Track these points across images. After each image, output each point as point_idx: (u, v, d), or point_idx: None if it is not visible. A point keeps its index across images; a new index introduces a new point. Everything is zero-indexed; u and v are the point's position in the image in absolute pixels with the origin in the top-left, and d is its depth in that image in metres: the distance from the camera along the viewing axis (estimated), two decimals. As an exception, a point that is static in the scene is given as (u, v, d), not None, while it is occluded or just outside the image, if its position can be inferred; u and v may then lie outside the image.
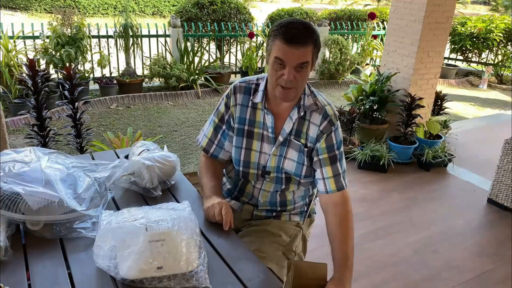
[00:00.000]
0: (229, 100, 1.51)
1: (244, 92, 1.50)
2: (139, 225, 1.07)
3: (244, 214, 1.59)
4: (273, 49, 1.33)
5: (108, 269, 1.04)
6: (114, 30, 5.60)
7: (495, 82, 7.79)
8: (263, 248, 1.42)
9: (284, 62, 1.31)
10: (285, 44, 1.29)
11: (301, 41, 1.29)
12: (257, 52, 6.45)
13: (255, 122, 1.48)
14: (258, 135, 1.48)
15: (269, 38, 1.36)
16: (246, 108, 1.49)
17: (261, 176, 1.52)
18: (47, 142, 3.05)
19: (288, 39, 1.28)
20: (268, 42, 1.37)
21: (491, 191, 3.21)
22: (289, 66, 1.31)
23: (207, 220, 1.34)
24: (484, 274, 2.42)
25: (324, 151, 1.45)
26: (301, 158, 1.47)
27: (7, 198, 1.16)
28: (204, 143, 1.58)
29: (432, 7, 3.64)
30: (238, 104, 1.50)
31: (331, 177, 1.44)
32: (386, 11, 8.24)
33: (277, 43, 1.31)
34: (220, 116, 1.54)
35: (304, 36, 1.30)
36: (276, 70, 1.33)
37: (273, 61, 1.33)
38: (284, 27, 1.31)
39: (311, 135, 1.45)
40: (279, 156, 1.48)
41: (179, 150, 4.02)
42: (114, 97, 5.33)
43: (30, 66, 2.91)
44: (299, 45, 1.29)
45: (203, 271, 1.07)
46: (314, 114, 1.45)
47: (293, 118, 1.45)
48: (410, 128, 3.84)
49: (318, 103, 1.45)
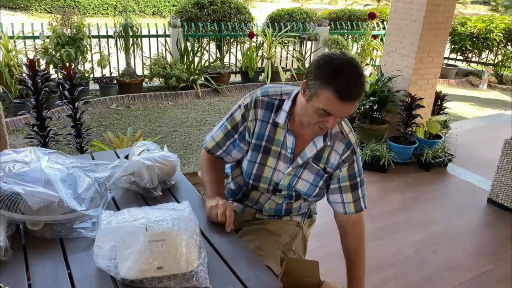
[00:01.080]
0: (248, 113, 1.42)
1: (265, 108, 1.41)
2: (139, 225, 1.07)
3: (246, 216, 1.59)
4: (321, 99, 1.21)
5: (108, 269, 1.04)
6: (114, 30, 5.60)
7: (495, 82, 7.79)
8: (262, 247, 1.42)
9: (332, 114, 1.23)
10: (339, 100, 1.19)
11: (354, 97, 1.20)
12: (257, 52, 6.45)
13: (274, 139, 1.42)
14: (275, 152, 1.43)
15: (315, 78, 1.22)
16: (267, 124, 1.41)
17: (272, 192, 1.50)
18: (47, 142, 3.05)
19: (343, 96, 1.18)
20: (313, 82, 1.23)
21: (491, 191, 3.21)
22: (335, 117, 1.24)
23: (207, 220, 1.34)
24: (484, 274, 2.42)
25: (346, 179, 1.45)
26: (316, 181, 1.45)
27: (7, 198, 1.15)
28: (210, 145, 1.52)
29: (432, 7, 3.63)
30: (258, 119, 1.41)
31: (351, 202, 1.47)
32: (386, 11, 8.24)
33: (328, 95, 1.19)
34: (234, 125, 1.46)
35: (358, 91, 1.20)
36: (319, 116, 1.25)
37: (317, 109, 1.23)
38: (339, 79, 1.18)
39: (331, 161, 1.42)
40: (294, 176, 1.44)
41: (179, 150, 4.02)
42: (114, 97, 5.33)
43: (30, 66, 2.91)
44: (351, 101, 1.21)
45: (203, 271, 1.07)
46: (337, 142, 1.41)
47: (318, 146, 1.39)
48: (410, 128, 3.84)
49: (343, 131, 1.41)
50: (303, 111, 1.31)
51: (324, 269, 1.50)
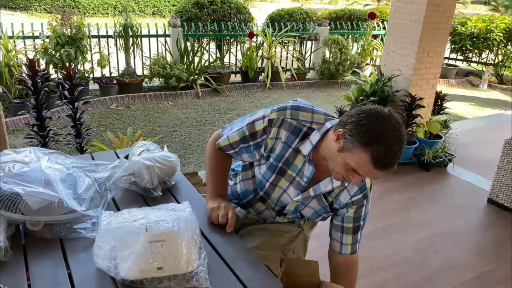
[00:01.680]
0: (270, 129, 1.34)
1: (291, 132, 1.32)
2: (139, 225, 1.07)
3: (248, 221, 1.59)
4: (355, 158, 1.15)
5: (108, 269, 1.04)
6: (114, 30, 5.60)
7: (495, 82, 7.79)
8: (262, 246, 1.42)
9: (361, 175, 1.19)
10: (373, 167, 1.13)
11: (390, 168, 1.15)
12: (257, 52, 6.45)
13: (292, 164, 1.36)
14: (289, 176, 1.38)
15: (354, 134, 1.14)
16: (288, 147, 1.34)
17: (277, 213, 1.50)
18: (47, 142, 3.05)
19: (379, 165, 1.13)
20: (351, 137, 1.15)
21: (491, 191, 3.21)
22: (362, 176, 1.20)
23: (207, 221, 1.34)
24: (484, 274, 2.42)
25: (350, 221, 1.43)
26: (321, 212, 1.45)
27: (7, 199, 1.15)
28: (223, 143, 1.47)
29: (432, 7, 3.63)
30: (280, 140, 1.34)
31: (349, 244, 1.47)
32: (386, 11, 8.24)
33: (364, 159, 1.13)
34: (252, 132, 1.38)
35: (396, 162, 1.14)
36: (346, 170, 1.20)
37: (347, 164, 1.18)
38: (381, 146, 1.12)
39: (341, 199, 1.40)
40: (301, 203, 1.43)
41: (179, 150, 4.02)
42: (114, 97, 5.33)
43: (30, 66, 2.91)
44: (386, 170, 1.15)
45: (203, 271, 1.07)
46: (351, 184, 1.37)
47: (334, 184, 1.35)
48: (410, 128, 3.84)
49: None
50: (330, 156, 1.25)
51: (323, 269, 1.50)
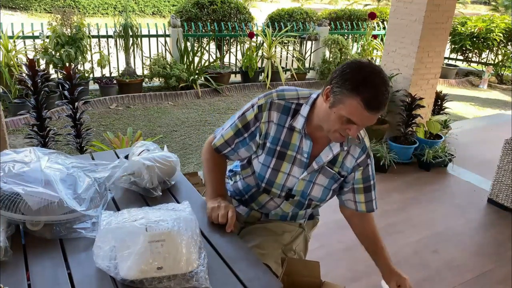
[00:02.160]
0: (261, 114, 1.38)
1: (282, 112, 1.37)
2: (139, 225, 1.07)
3: (251, 219, 1.58)
4: (347, 106, 1.19)
5: (108, 269, 1.04)
6: (114, 30, 5.60)
7: (495, 82, 7.79)
8: (263, 245, 1.42)
9: (356, 123, 1.22)
10: (365, 110, 1.17)
11: (382, 108, 1.20)
12: (257, 52, 6.45)
13: (290, 144, 1.39)
14: (290, 157, 1.40)
15: (342, 84, 1.20)
16: (282, 128, 1.38)
17: (284, 197, 1.48)
18: (47, 142, 3.05)
19: (370, 107, 1.17)
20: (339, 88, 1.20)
21: (491, 191, 3.21)
22: (358, 126, 1.23)
23: (207, 220, 1.34)
24: (484, 274, 2.42)
25: (359, 182, 1.47)
26: (330, 184, 1.45)
27: (7, 198, 1.15)
28: (218, 142, 1.48)
29: (432, 7, 3.63)
30: (273, 122, 1.38)
31: (363, 202, 1.51)
32: (386, 11, 8.24)
33: (355, 104, 1.17)
34: (245, 123, 1.41)
35: (385, 102, 1.19)
36: (341, 123, 1.23)
37: (341, 116, 1.22)
38: (369, 89, 1.17)
39: (347, 165, 1.42)
40: (308, 181, 1.43)
41: (179, 150, 4.02)
42: (114, 97, 5.33)
43: (30, 66, 2.91)
44: (378, 111, 1.20)
45: (203, 271, 1.07)
46: (353, 147, 1.41)
47: (334, 151, 1.39)
48: (410, 128, 3.84)
49: (359, 136, 1.41)
50: (324, 117, 1.28)
51: (324, 269, 1.50)
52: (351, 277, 2.32)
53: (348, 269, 2.40)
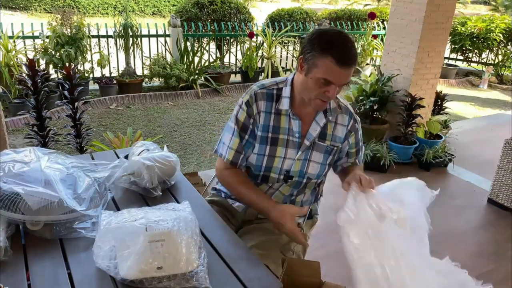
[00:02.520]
0: (251, 109, 1.44)
1: (266, 99, 1.44)
2: (139, 225, 1.07)
3: (248, 216, 1.59)
4: (321, 68, 1.28)
5: (108, 269, 1.04)
6: (114, 30, 5.60)
7: (495, 82, 7.79)
8: (262, 246, 1.42)
9: (332, 82, 1.29)
10: (337, 66, 1.25)
11: (352, 62, 1.27)
12: (257, 52, 6.45)
13: (280, 128, 1.44)
14: (283, 141, 1.45)
15: (312, 49, 1.29)
16: (270, 114, 1.44)
17: (283, 180, 1.50)
18: (47, 142, 3.05)
19: (341, 62, 1.25)
20: (310, 54, 1.29)
21: (491, 191, 3.20)
22: (335, 85, 1.30)
23: (207, 220, 1.34)
24: (484, 274, 2.41)
25: (353, 147, 1.55)
26: (325, 159, 1.50)
27: (7, 198, 1.15)
28: (230, 156, 1.46)
29: (432, 7, 3.63)
30: (261, 111, 1.44)
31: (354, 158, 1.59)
32: (386, 11, 8.24)
33: (327, 63, 1.26)
34: (241, 126, 1.45)
35: (354, 56, 1.28)
36: (320, 86, 1.31)
37: (318, 79, 1.29)
38: (337, 47, 1.26)
39: (338, 135, 1.49)
40: (304, 160, 1.47)
41: (179, 150, 4.02)
42: (114, 97, 5.33)
43: (30, 66, 2.91)
44: (349, 67, 1.28)
45: (203, 271, 1.07)
46: (340, 116, 1.49)
47: (320, 123, 1.45)
48: (410, 128, 3.84)
49: (340, 104, 1.49)
50: (302, 86, 1.36)
51: (324, 269, 1.50)
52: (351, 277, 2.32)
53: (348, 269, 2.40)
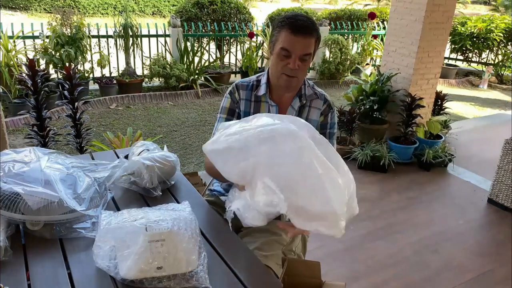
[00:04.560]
0: (234, 96, 1.58)
1: (246, 89, 1.57)
2: (139, 225, 1.07)
3: None
4: (279, 40, 1.41)
5: (108, 269, 1.04)
6: (114, 30, 5.60)
7: (495, 82, 7.79)
8: (263, 247, 1.42)
9: (290, 52, 1.39)
10: (292, 34, 1.37)
11: (307, 31, 1.38)
12: (257, 52, 6.45)
13: (238, 112, 1.57)
14: None
15: (274, 30, 1.45)
16: (250, 102, 1.57)
17: None
18: (47, 142, 3.04)
19: (295, 30, 1.37)
20: (273, 34, 1.45)
21: (491, 191, 3.21)
22: (294, 55, 1.39)
23: (207, 220, 1.34)
24: (484, 274, 2.42)
25: (318, 128, 1.58)
26: None
27: (7, 198, 1.15)
28: None
29: (432, 7, 3.63)
30: (242, 99, 1.57)
31: None
32: (386, 11, 8.24)
33: (284, 33, 1.39)
34: (227, 111, 1.58)
35: (309, 27, 1.39)
36: (281, 59, 1.41)
37: (278, 51, 1.41)
38: (291, 19, 1.39)
39: (313, 119, 1.57)
40: None
41: (179, 150, 4.02)
42: (114, 97, 5.33)
43: (30, 66, 2.91)
44: (305, 35, 1.38)
45: (203, 271, 1.07)
46: (315, 101, 1.58)
47: (295, 107, 1.55)
48: (410, 128, 3.84)
49: (317, 92, 1.60)
50: (271, 67, 1.48)
51: (324, 269, 1.50)
52: (351, 277, 2.32)
53: (348, 269, 2.40)
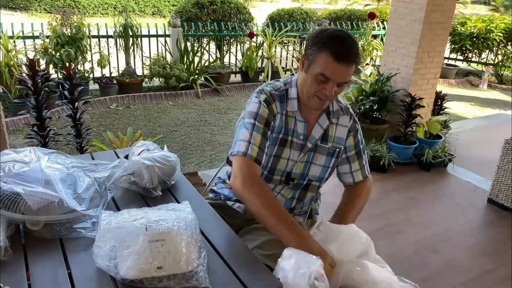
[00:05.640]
0: (272, 107, 1.41)
1: (279, 101, 1.44)
2: (139, 225, 1.07)
3: (249, 215, 1.57)
4: (318, 63, 1.28)
5: (108, 269, 1.04)
6: (114, 30, 5.60)
7: (495, 82, 7.79)
8: (264, 246, 1.42)
9: (329, 79, 1.28)
10: (335, 62, 1.25)
11: (350, 59, 1.26)
12: (257, 52, 6.45)
13: (288, 129, 1.45)
14: (289, 142, 1.46)
15: (312, 46, 1.30)
16: (282, 116, 1.45)
17: (284, 182, 1.51)
18: (47, 142, 3.04)
19: (338, 57, 1.25)
20: (310, 50, 1.31)
21: (491, 191, 3.20)
22: (333, 82, 1.29)
23: (207, 220, 1.34)
24: (484, 274, 2.42)
25: (352, 148, 1.53)
26: (328, 161, 1.50)
27: (7, 198, 1.15)
28: (254, 152, 1.34)
29: (432, 7, 3.63)
30: (278, 112, 1.44)
31: (359, 170, 1.55)
32: (386, 11, 8.24)
33: (325, 57, 1.26)
34: (265, 122, 1.39)
35: (353, 54, 1.27)
36: (318, 83, 1.31)
37: (316, 75, 1.29)
38: (335, 41, 1.26)
39: (340, 136, 1.50)
40: (305, 162, 1.48)
41: (179, 150, 4.02)
42: (114, 97, 5.33)
43: (30, 66, 2.91)
44: (348, 63, 1.26)
45: (203, 271, 1.07)
46: (341, 118, 1.50)
47: (324, 125, 1.47)
48: (410, 128, 3.84)
49: (342, 106, 1.50)
50: (302, 84, 1.37)
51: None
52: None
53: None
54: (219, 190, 1.66)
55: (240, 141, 1.36)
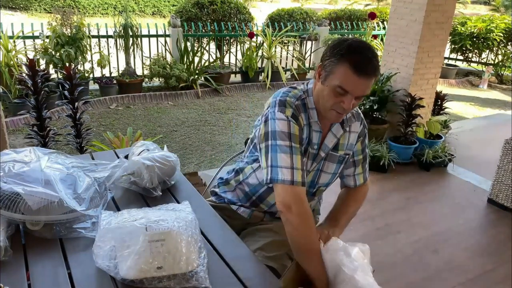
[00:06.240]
0: (299, 120, 1.35)
1: (303, 111, 1.38)
2: (139, 225, 1.07)
3: (253, 219, 1.57)
4: (337, 74, 1.23)
5: (108, 269, 1.04)
6: (114, 30, 5.60)
7: (495, 82, 7.79)
8: (267, 248, 1.42)
9: (348, 92, 1.24)
10: (355, 75, 1.20)
11: (370, 72, 1.22)
12: (257, 52, 6.45)
13: (303, 139, 1.39)
14: (306, 152, 1.42)
15: (330, 56, 1.25)
16: (307, 127, 1.40)
17: None
18: (47, 142, 3.05)
19: (359, 70, 1.20)
20: (328, 60, 1.26)
21: (491, 191, 3.20)
22: (351, 95, 1.24)
23: (207, 220, 1.34)
24: (484, 274, 2.42)
25: (359, 153, 1.53)
26: (337, 169, 1.49)
27: (7, 198, 1.15)
28: (299, 177, 1.28)
29: (432, 7, 3.63)
30: (305, 124, 1.38)
31: (361, 173, 1.55)
32: (386, 11, 8.24)
33: (344, 70, 1.21)
34: (299, 140, 1.34)
35: (373, 66, 1.23)
36: (335, 95, 1.26)
37: (334, 87, 1.24)
38: (355, 53, 1.21)
39: (351, 142, 1.48)
40: (316, 170, 1.47)
41: (179, 150, 4.02)
42: (114, 97, 5.33)
43: (30, 66, 2.91)
44: (368, 76, 1.22)
45: (203, 271, 1.07)
46: (353, 125, 1.48)
47: (338, 135, 1.43)
48: (410, 128, 3.84)
49: (353, 112, 1.47)
50: (319, 95, 1.33)
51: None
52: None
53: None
54: (222, 194, 1.62)
55: (282, 168, 1.28)
